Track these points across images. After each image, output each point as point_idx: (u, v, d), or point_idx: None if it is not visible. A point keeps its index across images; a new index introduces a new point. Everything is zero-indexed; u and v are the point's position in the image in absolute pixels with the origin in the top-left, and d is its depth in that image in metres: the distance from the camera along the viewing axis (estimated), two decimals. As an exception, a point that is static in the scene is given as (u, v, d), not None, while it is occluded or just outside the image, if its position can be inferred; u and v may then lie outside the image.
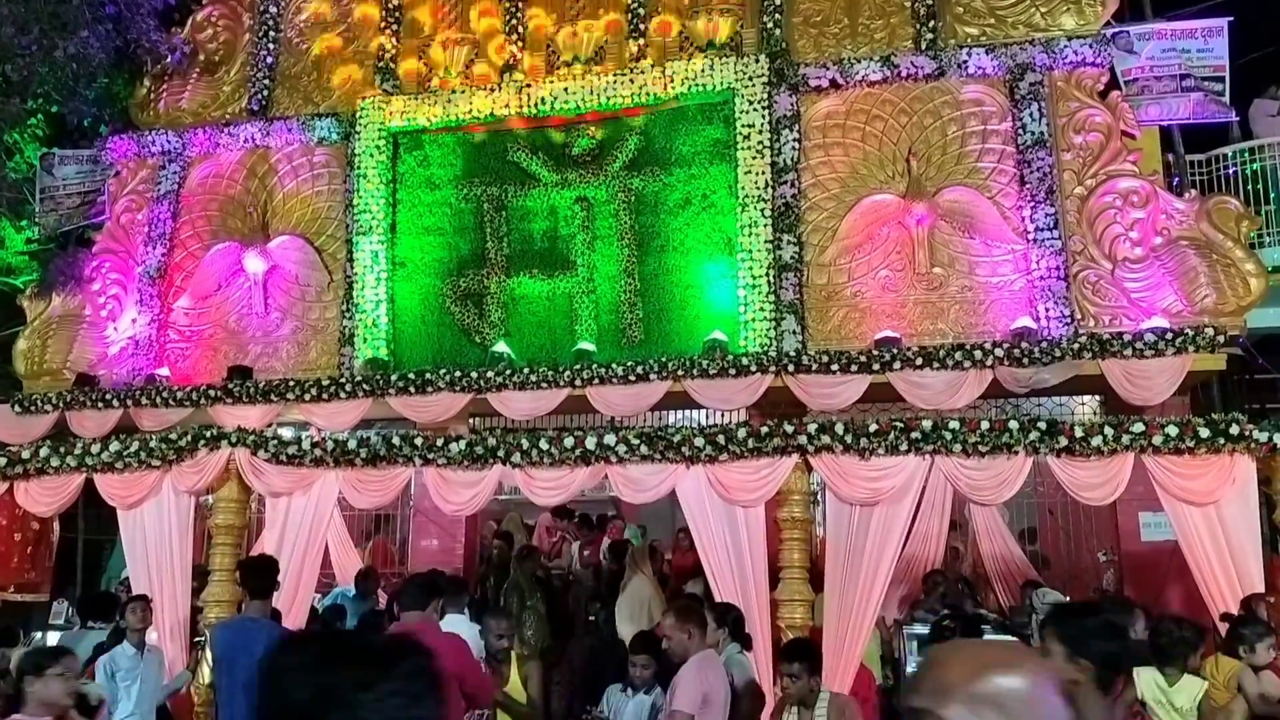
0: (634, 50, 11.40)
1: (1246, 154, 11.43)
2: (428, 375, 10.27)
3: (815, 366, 9.50)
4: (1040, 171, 10.00)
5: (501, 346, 10.80)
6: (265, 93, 12.60)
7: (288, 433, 8.22)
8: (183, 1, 13.07)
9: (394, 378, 10.36)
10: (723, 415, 10.22)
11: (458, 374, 10.19)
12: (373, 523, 11.90)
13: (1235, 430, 6.19)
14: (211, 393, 10.66)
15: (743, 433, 6.91)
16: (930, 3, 10.78)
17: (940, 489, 9.18)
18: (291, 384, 10.53)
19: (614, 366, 9.95)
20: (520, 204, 11.48)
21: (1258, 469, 6.31)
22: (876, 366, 9.34)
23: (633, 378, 9.88)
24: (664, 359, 9.90)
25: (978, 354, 9.11)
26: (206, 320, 12.02)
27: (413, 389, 10.25)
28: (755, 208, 10.56)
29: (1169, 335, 8.82)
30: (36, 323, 12.24)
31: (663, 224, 11.08)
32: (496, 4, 11.79)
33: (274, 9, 12.76)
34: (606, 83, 11.20)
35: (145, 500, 7.35)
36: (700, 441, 6.92)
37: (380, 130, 11.70)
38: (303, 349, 11.65)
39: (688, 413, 10.65)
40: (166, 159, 12.54)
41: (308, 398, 10.37)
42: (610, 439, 7.09)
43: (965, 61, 10.48)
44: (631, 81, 11.16)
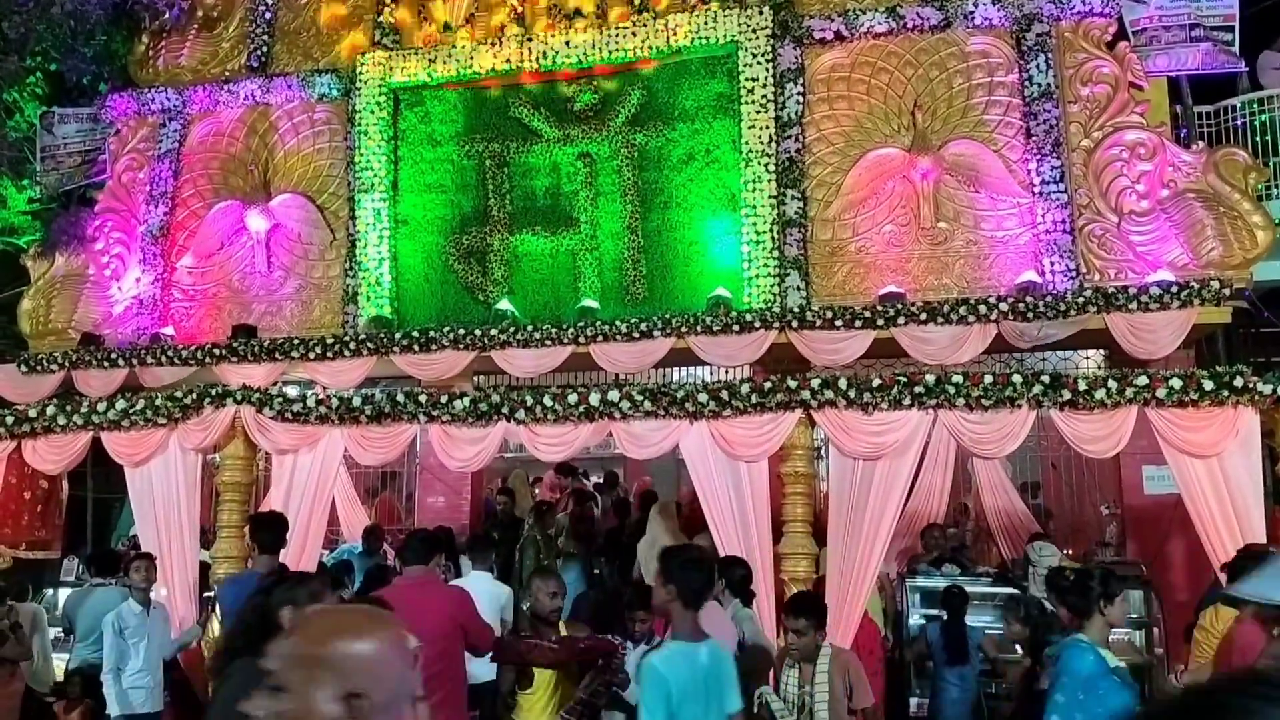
0: (636, 3, 11.27)
1: (1255, 105, 11.29)
2: (432, 333, 10.27)
3: (819, 322, 9.48)
4: (1046, 124, 9.91)
5: (505, 304, 10.79)
6: (264, 49, 12.50)
7: (293, 391, 8.25)
8: (179, -44, 12.90)
9: (398, 336, 10.37)
10: (726, 372, 10.23)
11: (461, 332, 10.19)
12: (379, 480, 11.97)
13: (1239, 383, 6.17)
14: (216, 351, 10.68)
15: (746, 388, 6.91)
16: (936, -48, 10.61)
17: (943, 444, 9.20)
18: (296, 342, 10.54)
19: (618, 323, 9.94)
20: (522, 160, 11.42)
21: (1261, 421, 6.30)
22: (880, 322, 9.31)
23: (636, 335, 9.86)
24: (668, 316, 9.88)
25: (982, 309, 9.08)
26: (210, 279, 12.02)
27: (417, 347, 10.26)
28: (759, 163, 10.49)
29: (1174, 288, 8.77)
30: (40, 282, 12.25)
31: (666, 180, 11.02)
32: (497, -44, 11.65)
33: (272, -37, 12.61)
34: (609, 36, 11.09)
35: (152, 458, 7.39)
36: (704, 397, 6.92)
37: (380, 86, 11.61)
38: (306, 307, 11.66)
39: (691, 370, 10.66)
40: (166, 117, 12.48)
41: (312, 356, 10.39)
42: (614, 395, 7.09)
43: (971, 12, 10.35)
44: (634, 35, 11.04)
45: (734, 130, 10.74)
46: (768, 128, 10.53)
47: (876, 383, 6.69)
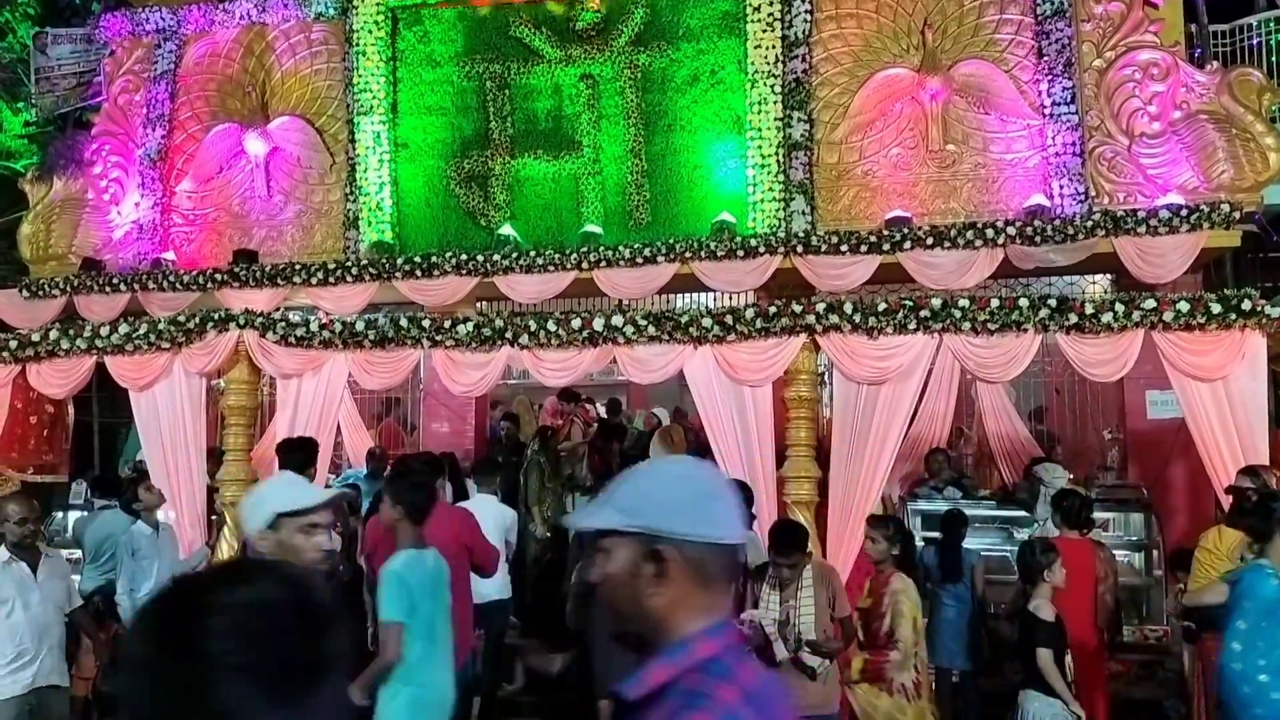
0: (640, -82, 10.97)
1: (1272, 24, 11.05)
2: (434, 259, 10.22)
3: (824, 247, 9.41)
4: (1059, 43, 9.70)
5: (507, 229, 10.71)
6: (259, -34, 12.20)
7: (295, 317, 8.23)
8: None
9: (400, 261, 10.31)
10: (730, 298, 10.19)
11: (464, 257, 10.13)
12: (383, 406, 12.01)
13: (1247, 306, 6.14)
14: (218, 276, 10.65)
15: (751, 313, 6.89)
16: None
17: (947, 369, 9.19)
18: (298, 267, 10.49)
19: (621, 249, 9.87)
20: (524, 82, 11.22)
21: (1268, 345, 6.28)
22: (886, 247, 9.24)
23: (640, 260, 9.81)
24: (671, 241, 9.81)
25: (989, 233, 9.00)
26: (209, 203, 11.91)
27: (419, 273, 10.21)
28: (765, 84, 10.31)
29: (1184, 212, 8.68)
30: (39, 207, 12.15)
31: (670, 102, 10.84)
32: None
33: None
34: (611, -48, 10.81)
35: (156, 382, 7.41)
36: (708, 322, 6.90)
37: (378, 4, 11.36)
38: (307, 232, 11.58)
39: (695, 296, 10.61)
40: (161, 37, 12.23)
41: (314, 281, 10.36)
42: (618, 320, 7.07)
43: (984, -73, 10.07)
44: (637, -50, 10.76)
45: (739, 50, 10.53)
46: (774, 47, 10.32)
47: (882, 307, 6.66)
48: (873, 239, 9.28)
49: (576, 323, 7.12)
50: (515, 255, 10.06)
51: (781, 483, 6.86)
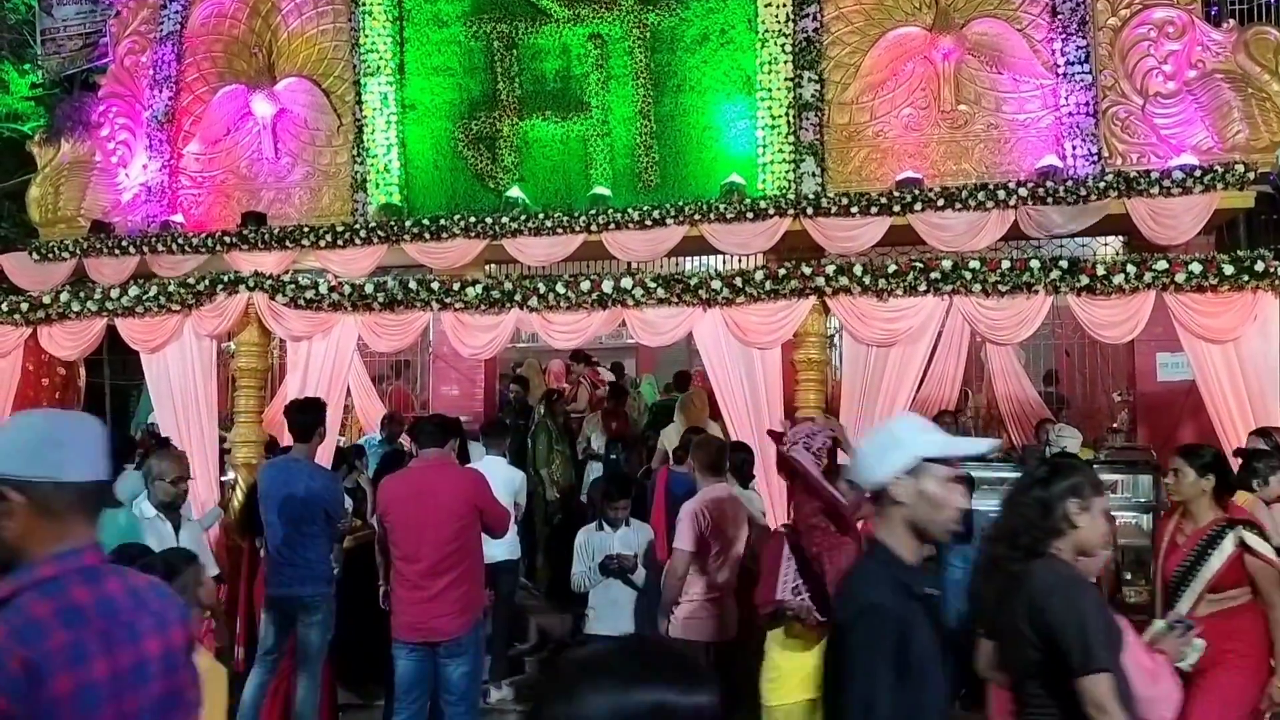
0: (648, -126, 10.80)
1: (1292, -19, 10.90)
2: (442, 221, 10.19)
3: (834, 209, 9.35)
4: (1073, 1, 9.57)
5: (516, 191, 10.66)
6: (264, -76, 12.07)
7: (305, 279, 8.22)
8: None
9: (408, 224, 10.29)
10: (740, 260, 10.15)
11: (472, 220, 10.09)
12: (392, 369, 12.04)
13: (1260, 267, 6.09)
14: (227, 239, 10.64)
15: (760, 275, 6.86)
16: None
17: (957, 331, 9.17)
18: (306, 230, 10.48)
19: (630, 211, 9.82)
20: (531, 42, 11.12)
21: (1280, 306, 6.25)
22: (897, 208, 9.18)
23: (649, 222, 9.76)
24: (680, 203, 9.76)
25: (1001, 194, 8.93)
26: (218, 166, 11.88)
27: (428, 235, 10.19)
28: (775, 43, 10.20)
29: (1197, 172, 8.60)
30: (47, 169, 12.14)
31: (679, 62, 10.74)
32: None
33: None
34: (620, -92, 10.66)
35: (167, 344, 7.43)
36: (718, 284, 6.88)
37: (384, -36, 11.24)
38: (315, 195, 11.56)
39: (705, 259, 10.58)
40: (167, -2, 12.14)
41: (323, 244, 10.35)
42: (627, 282, 7.06)
43: (999, -119, 9.90)
44: (646, -93, 10.61)
45: (749, 9, 10.41)
46: (784, 5, 10.20)
47: (892, 269, 6.63)
48: (883, 200, 9.22)
49: (586, 285, 7.11)
50: (524, 217, 10.03)
51: (790, 445, 6.87)
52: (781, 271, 6.84)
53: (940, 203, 9.07)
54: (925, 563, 7.40)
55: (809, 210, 9.36)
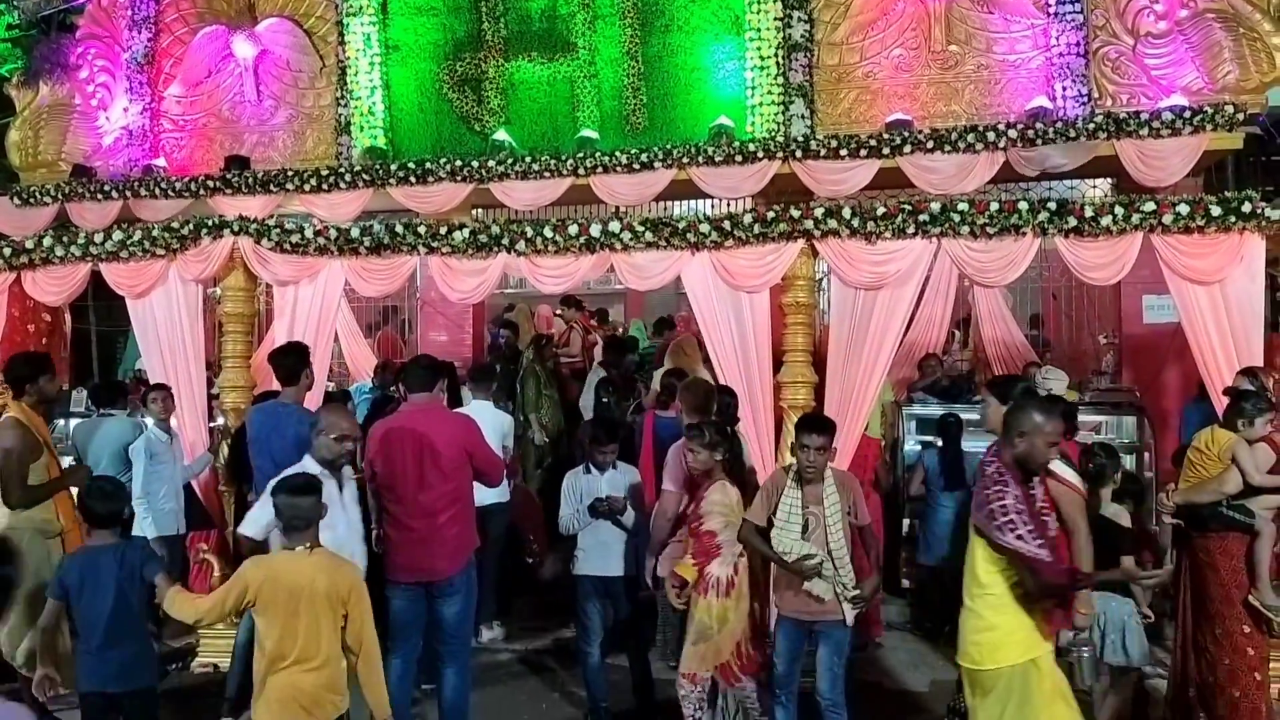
0: None
1: (1286, -81, 10.74)
2: (428, 165, 10.10)
3: (824, 152, 9.30)
4: (1065, -61, 9.46)
5: (502, 135, 10.56)
6: None
7: (290, 224, 8.16)
8: None
9: (394, 168, 10.19)
10: (728, 204, 10.10)
11: (458, 163, 10.01)
12: (380, 315, 12.00)
13: (1247, 208, 6.09)
14: (210, 183, 10.54)
15: (749, 218, 6.82)
16: None
17: (945, 274, 9.19)
18: (290, 174, 10.38)
19: (618, 154, 9.75)
20: (516, -21, 10.94)
21: (1268, 248, 6.25)
22: (886, 151, 9.14)
23: (637, 166, 9.70)
24: (669, 146, 9.69)
25: (990, 135, 8.89)
26: (199, 109, 11.73)
27: (413, 179, 10.10)
28: (764, -19, 10.06)
29: (1187, 113, 8.57)
30: (26, 113, 11.98)
31: (666, 1, 10.58)
32: None
33: None
34: None
35: (153, 289, 7.37)
36: (706, 228, 6.84)
37: (365, -102, 11.00)
38: (299, 138, 11.43)
39: (693, 203, 10.53)
40: (143, -65, 11.88)
41: (307, 188, 10.26)
42: (615, 226, 7.00)
43: None
44: None
45: (738, -54, 10.25)
46: (773, -56, 10.05)
47: (880, 211, 6.60)
48: (872, 143, 9.17)
49: (574, 229, 7.06)
50: (510, 161, 9.95)
51: (778, 388, 6.89)
52: (770, 215, 6.80)
53: (930, 145, 9.03)
54: (913, 502, 7.51)
55: (798, 153, 9.31)
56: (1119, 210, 6.23)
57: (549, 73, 10.90)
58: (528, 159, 9.95)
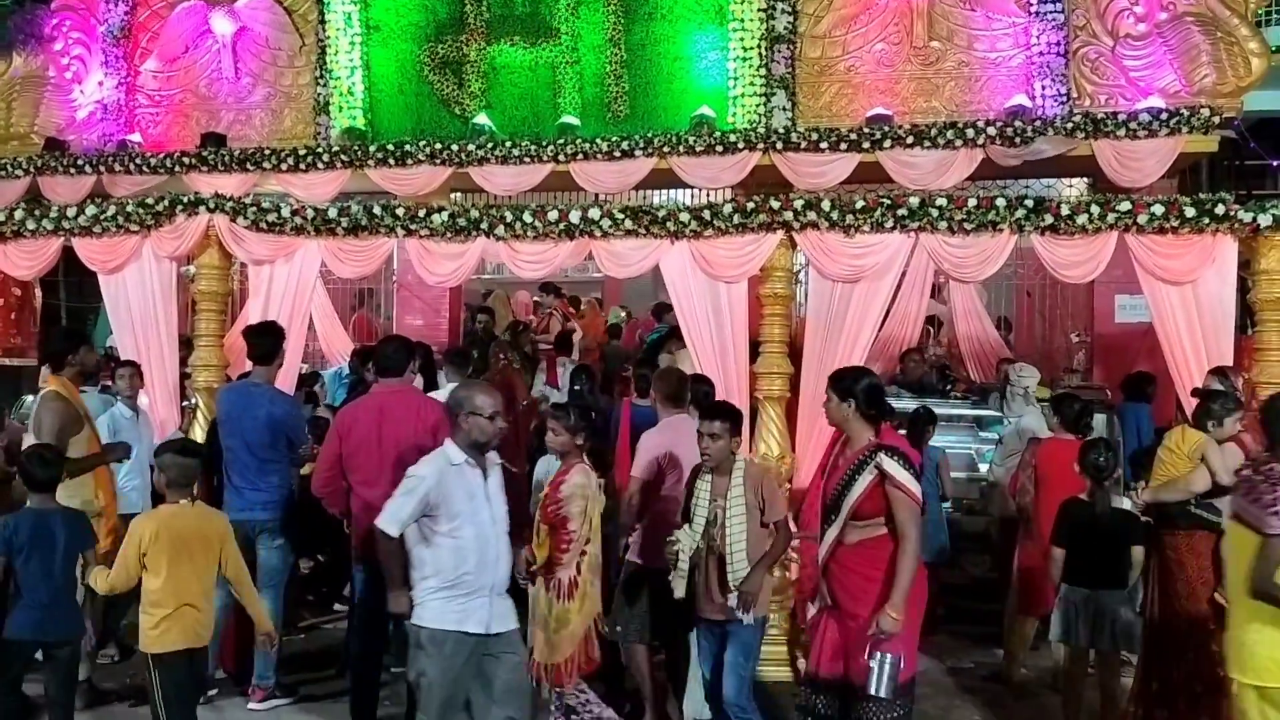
0: None
1: (1264, -76, 10.88)
2: (407, 147, 10.05)
3: (804, 144, 9.35)
4: (1048, -62, 9.52)
5: (482, 119, 10.51)
6: None
7: (267, 203, 8.09)
8: None
9: (372, 149, 10.13)
10: (708, 195, 10.11)
11: (438, 146, 9.97)
12: (355, 298, 11.93)
13: (1221, 210, 6.16)
14: (186, 160, 10.44)
15: (728, 208, 6.83)
16: None
17: (921, 270, 9.24)
18: (267, 152, 10.30)
19: (599, 142, 9.75)
20: (499, -38, 10.86)
21: (1239, 250, 6.33)
22: (866, 145, 9.20)
23: (617, 154, 9.71)
24: (650, 135, 9.68)
25: (970, 132, 8.97)
26: (176, 84, 11.59)
27: (392, 161, 10.06)
28: (748, -28, 10.05)
29: (1164, 115, 8.68)
30: (-1, 84, 11.78)
31: (650, -13, 10.56)
32: None
33: None
34: None
35: (126, 265, 7.29)
36: (685, 217, 6.84)
37: (346, -128, 10.87)
38: (276, 116, 11.32)
39: (673, 193, 10.52)
40: (122, -96, 11.70)
41: (284, 167, 10.18)
42: (595, 213, 7.00)
43: None
44: None
45: (724, -65, 10.23)
46: (759, -66, 10.04)
47: (859, 204, 6.63)
48: (853, 137, 9.22)
49: (553, 215, 7.04)
50: (490, 145, 9.90)
51: (754, 378, 6.91)
52: (749, 205, 6.82)
53: (910, 140, 9.09)
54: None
55: (779, 145, 9.33)
56: (1095, 209, 6.30)
57: (531, 58, 10.84)
58: (508, 144, 9.92)
